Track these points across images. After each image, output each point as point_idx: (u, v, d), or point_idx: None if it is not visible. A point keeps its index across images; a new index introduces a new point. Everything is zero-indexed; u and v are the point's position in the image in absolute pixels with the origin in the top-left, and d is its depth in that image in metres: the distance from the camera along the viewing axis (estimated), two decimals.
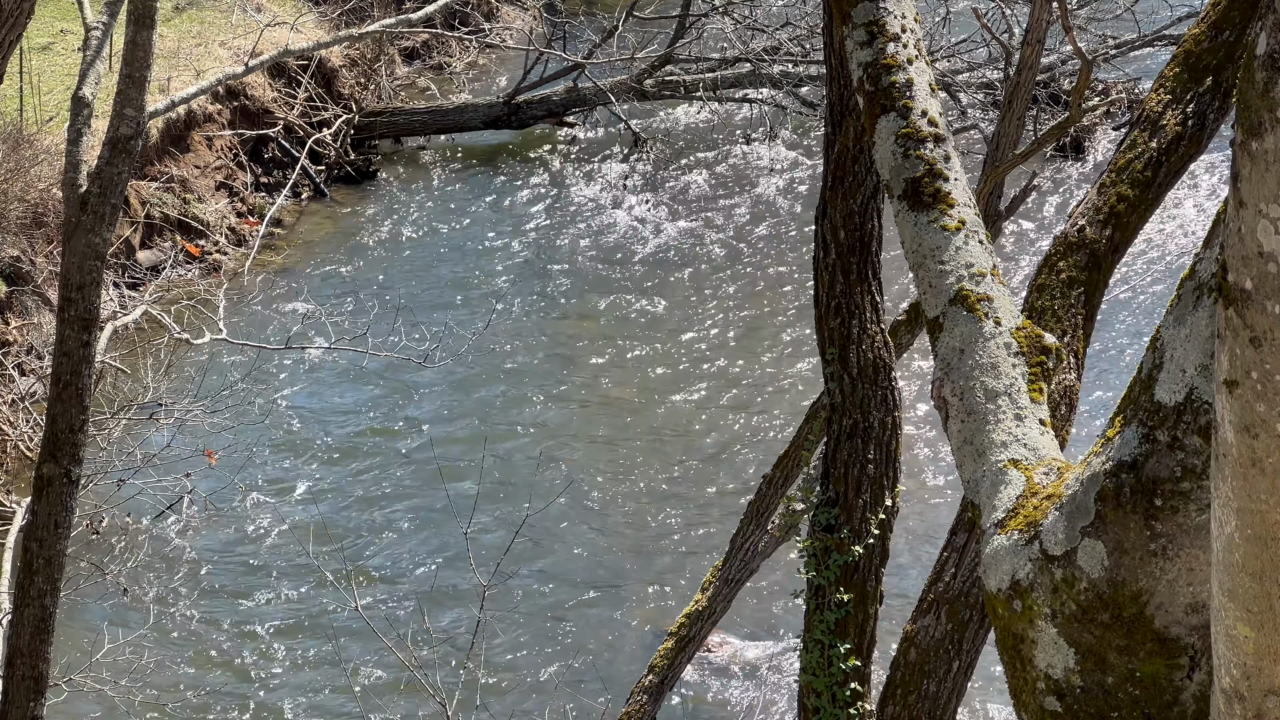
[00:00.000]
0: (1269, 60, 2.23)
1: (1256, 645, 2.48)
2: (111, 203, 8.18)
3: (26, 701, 8.42)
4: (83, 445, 8.33)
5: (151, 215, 21.48)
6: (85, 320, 8.18)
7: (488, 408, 19.17)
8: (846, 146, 7.63)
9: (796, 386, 19.36)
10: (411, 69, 28.30)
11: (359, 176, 24.72)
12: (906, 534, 16.02)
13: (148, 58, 8.19)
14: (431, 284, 21.95)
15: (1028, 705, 3.30)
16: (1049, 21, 11.34)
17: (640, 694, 11.66)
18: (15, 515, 13.12)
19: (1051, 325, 6.99)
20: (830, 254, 7.79)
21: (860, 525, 7.87)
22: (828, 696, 7.95)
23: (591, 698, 14.45)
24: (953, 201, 4.08)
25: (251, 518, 17.02)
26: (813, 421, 10.82)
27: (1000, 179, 11.19)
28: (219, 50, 24.36)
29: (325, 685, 14.86)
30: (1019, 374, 3.71)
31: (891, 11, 4.47)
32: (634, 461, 18.13)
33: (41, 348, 18.18)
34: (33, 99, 21.37)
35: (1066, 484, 3.24)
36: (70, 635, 14.68)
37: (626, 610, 15.86)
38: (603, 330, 20.91)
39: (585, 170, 25.32)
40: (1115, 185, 7.10)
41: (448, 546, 16.38)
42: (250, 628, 15.54)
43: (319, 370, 19.68)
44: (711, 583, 11.68)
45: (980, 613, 7.59)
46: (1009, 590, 3.27)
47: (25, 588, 8.34)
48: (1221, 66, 6.90)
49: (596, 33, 27.04)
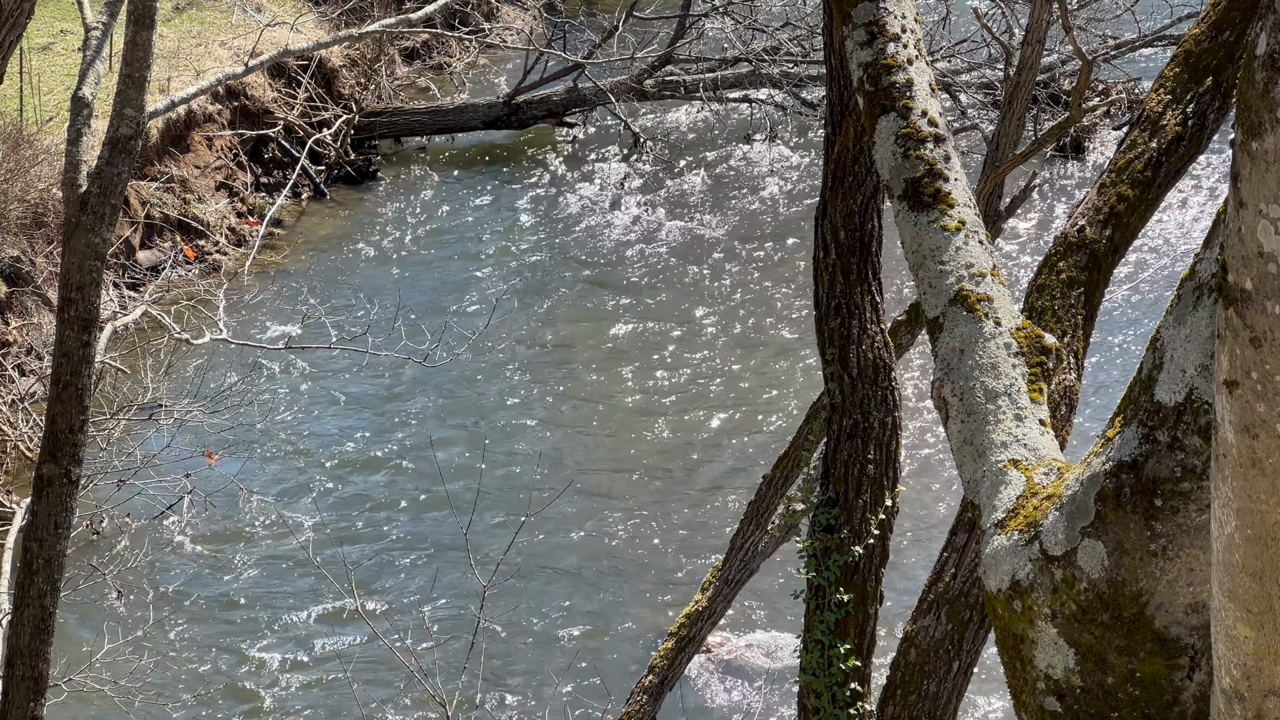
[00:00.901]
0: (1269, 60, 2.23)
1: (1256, 645, 2.48)
2: (111, 203, 8.18)
3: (26, 701, 8.42)
4: (83, 445, 8.32)
5: (151, 215, 21.48)
6: (85, 320, 8.18)
7: (488, 407, 19.17)
8: (846, 146, 7.63)
9: (796, 387, 19.36)
10: (411, 69, 28.30)
11: (359, 176, 24.72)
12: (906, 534, 16.02)
13: (148, 58, 8.19)
14: (431, 284, 21.95)
15: (1028, 705, 3.30)
16: (1049, 21, 11.34)
17: (640, 694, 11.66)
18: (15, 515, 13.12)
19: (1051, 325, 6.98)
20: (830, 254, 7.78)
21: (860, 525, 7.87)
22: (828, 697, 7.95)
23: (591, 698, 14.45)
24: (953, 201, 4.08)
25: (251, 518, 17.02)
26: (813, 422, 10.82)
27: (1000, 179, 11.19)
28: (219, 50, 24.36)
29: (325, 685, 14.86)
30: (1019, 374, 3.71)
31: (891, 11, 4.47)
32: (634, 462, 18.13)
33: (41, 348, 18.18)
34: (33, 99, 21.37)
35: (1066, 484, 3.24)
36: (70, 635, 14.68)
37: (626, 610, 15.85)
38: (602, 330, 20.91)
39: (585, 170, 25.32)
40: (1115, 185, 7.09)
41: (448, 546, 16.38)
42: (250, 628, 15.54)
43: (319, 370, 19.68)
44: (711, 583, 11.68)
45: (980, 613, 7.59)
46: (1009, 590, 3.27)
47: (25, 588, 8.34)
48: (1221, 66, 6.90)
49: (596, 33, 27.04)
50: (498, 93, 26.67)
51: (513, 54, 27.81)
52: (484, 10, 28.72)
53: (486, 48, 27.89)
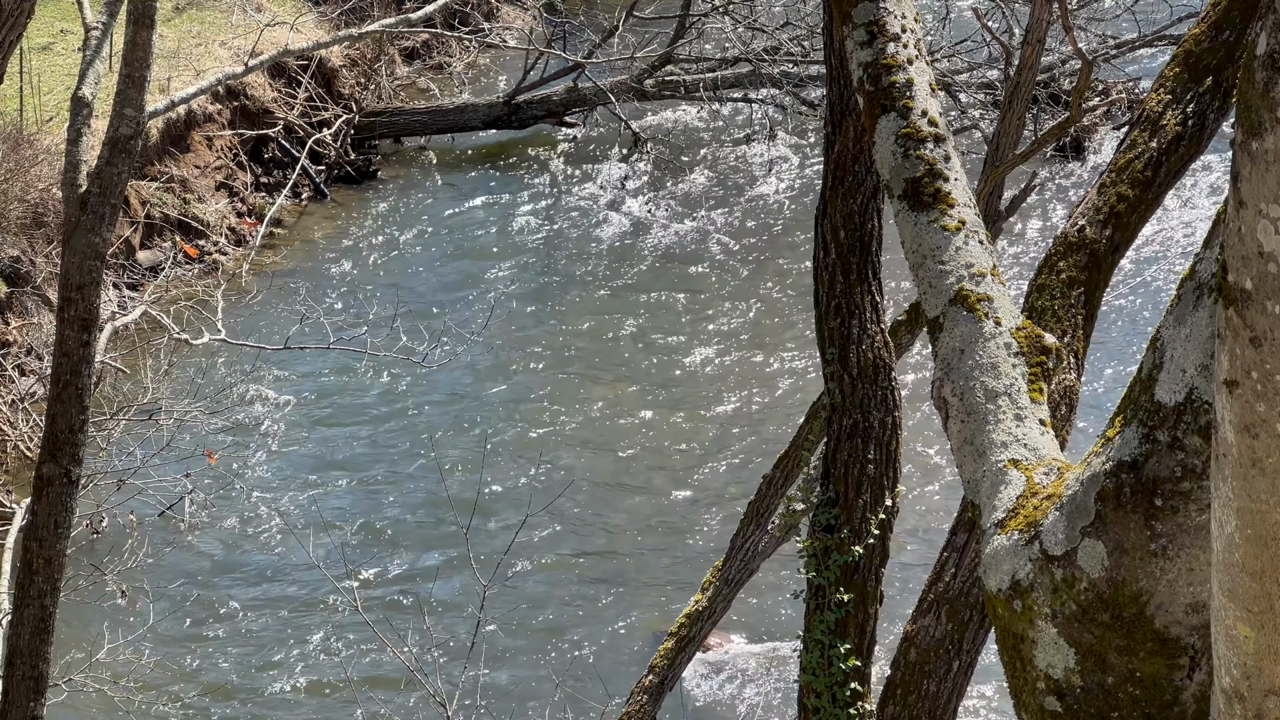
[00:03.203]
0: (1269, 60, 2.23)
1: (1256, 645, 2.48)
2: (111, 203, 8.18)
3: (26, 701, 8.42)
4: (83, 445, 8.32)
5: (151, 215, 21.48)
6: (85, 320, 8.18)
7: (487, 407, 19.17)
8: (846, 146, 7.63)
9: (796, 386, 19.36)
10: (411, 69, 28.29)
11: (359, 176, 24.72)
12: (906, 534, 16.02)
13: (148, 58, 8.19)
14: (431, 284, 21.95)
15: (1028, 705, 3.30)
16: (1049, 21, 11.33)
17: (640, 694, 11.65)
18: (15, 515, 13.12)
19: (1051, 325, 6.98)
20: (830, 254, 7.79)
21: (860, 525, 7.87)
22: (828, 696, 7.95)
23: (591, 698, 14.44)
24: (953, 201, 4.08)
25: (251, 518, 17.02)
26: (813, 421, 10.82)
27: (1000, 179, 11.18)
28: (219, 50, 24.36)
29: (325, 685, 14.86)
30: (1019, 374, 3.71)
31: (891, 11, 4.47)
32: (634, 462, 18.13)
33: (41, 348, 18.18)
34: (33, 99, 21.37)
35: (1066, 484, 3.24)
36: (70, 635, 14.68)
37: (626, 610, 15.85)
38: (602, 330, 20.91)
39: (585, 170, 25.32)
40: (1115, 185, 7.09)
41: (448, 546, 16.38)
42: (250, 628, 15.54)
43: (319, 370, 19.68)
44: (711, 583, 11.68)
45: (980, 613, 7.59)
46: (1009, 590, 3.27)
47: (25, 588, 8.34)
48: (1221, 66, 6.90)
49: (596, 33, 27.04)
50: (498, 93, 26.66)
51: (513, 54, 27.79)
52: (484, 10, 28.71)
53: (486, 48, 27.88)
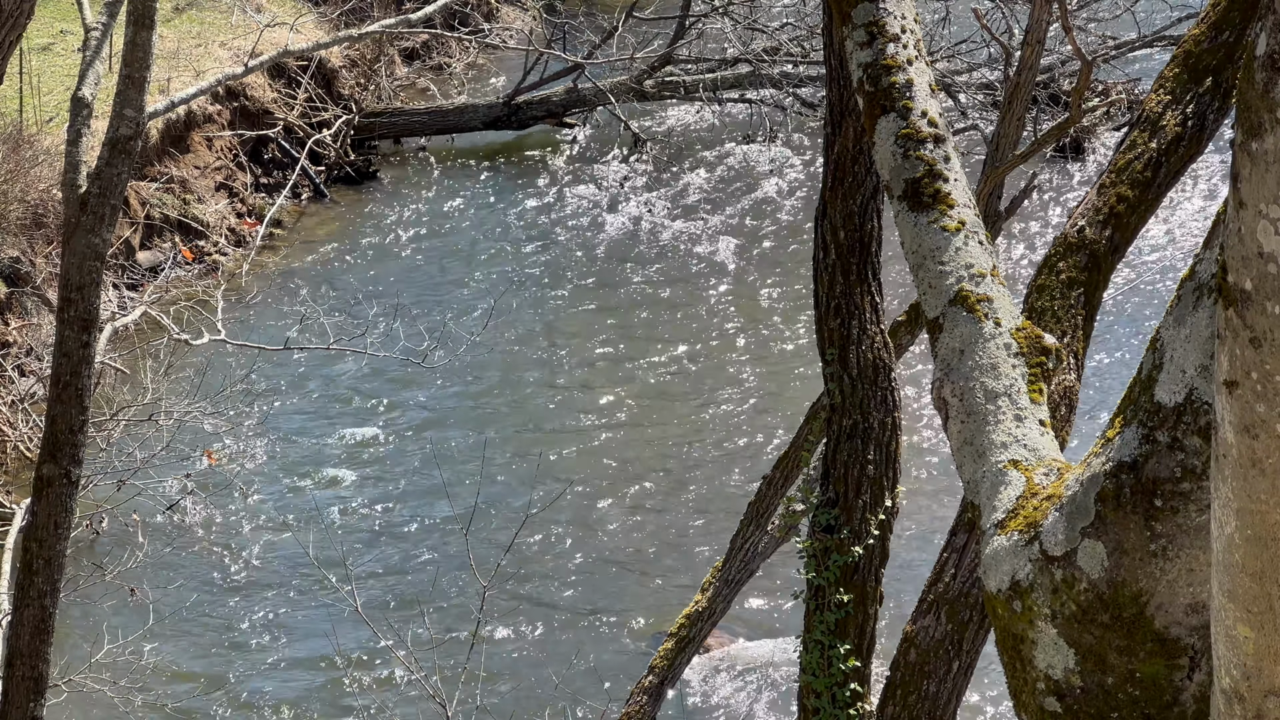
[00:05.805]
0: (1269, 60, 2.23)
1: (1256, 645, 2.48)
2: (111, 203, 8.18)
3: (26, 701, 8.42)
4: (82, 446, 8.33)
5: (151, 216, 21.48)
6: (85, 321, 8.18)
7: (487, 408, 19.17)
8: (846, 147, 7.63)
9: (796, 387, 19.35)
10: (411, 69, 28.29)
11: (359, 177, 24.72)
12: (906, 534, 16.02)
13: (147, 58, 8.19)
14: (431, 284, 21.95)
15: (1028, 706, 3.30)
16: (1049, 21, 11.33)
17: (640, 694, 11.65)
18: (15, 515, 13.12)
19: (1051, 326, 6.98)
20: (830, 254, 7.79)
21: (860, 526, 7.87)
22: (827, 697, 7.95)
23: (591, 698, 14.44)
24: (953, 202, 4.08)
25: (251, 518, 17.02)
26: (813, 422, 10.82)
27: (1000, 179, 11.18)
28: (219, 50, 24.36)
29: (325, 686, 14.86)
30: (1019, 375, 3.71)
31: (891, 12, 4.47)
32: (634, 462, 18.13)
33: (41, 348, 18.17)
34: (33, 99, 21.36)
35: (1066, 485, 3.24)
36: (70, 635, 14.68)
37: (626, 610, 15.85)
38: (602, 331, 20.91)
39: (585, 171, 25.32)
40: (1115, 186, 7.09)
41: (448, 547, 16.39)
42: (250, 628, 15.54)
43: (319, 370, 19.68)
44: (711, 583, 11.68)
45: (980, 613, 7.58)
46: (1009, 591, 3.27)
47: (25, 588, 8.34)
48: (1221, 67, 6.90)
49: (596, 33, 27.04)
50: (498, 93, 26.66)
51: (513, 54, 27.79)
52: (484, 10, 28.70)
53: (486, 48, 27.88)
